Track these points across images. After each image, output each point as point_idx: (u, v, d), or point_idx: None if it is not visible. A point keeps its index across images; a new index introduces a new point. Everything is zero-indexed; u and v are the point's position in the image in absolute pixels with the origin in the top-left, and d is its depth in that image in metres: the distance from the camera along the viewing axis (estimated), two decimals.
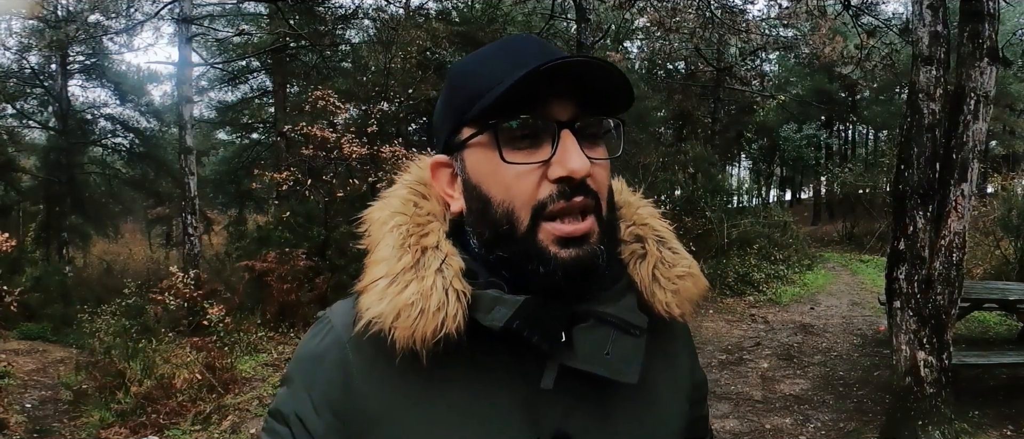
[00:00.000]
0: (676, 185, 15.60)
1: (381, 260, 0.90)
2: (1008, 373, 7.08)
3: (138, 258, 22.19)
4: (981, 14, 5.26)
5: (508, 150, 0.86)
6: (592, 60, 0.84)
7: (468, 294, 0.87)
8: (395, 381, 0.89)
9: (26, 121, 20.68)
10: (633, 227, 1.02)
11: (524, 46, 0.92)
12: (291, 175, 11.04)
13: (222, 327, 8.18)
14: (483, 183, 0.89)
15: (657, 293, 0.97)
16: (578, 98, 0.87)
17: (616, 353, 0.87)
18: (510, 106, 0.85)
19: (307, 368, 0.94)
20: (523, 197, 0.86)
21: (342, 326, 0.93)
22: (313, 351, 0.94)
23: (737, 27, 14.33)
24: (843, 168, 25.03)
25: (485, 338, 0.87)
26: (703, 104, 25.01)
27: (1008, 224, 11.97)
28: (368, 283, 0.89)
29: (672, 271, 0.99)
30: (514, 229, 0.87)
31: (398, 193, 0.98)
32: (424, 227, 0.92)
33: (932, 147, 5.31)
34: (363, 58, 14.83)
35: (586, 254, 0.86)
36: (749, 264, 14.05)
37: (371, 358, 0.90)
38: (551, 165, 0.85)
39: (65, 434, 6.33)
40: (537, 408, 0.89)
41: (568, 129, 0.86)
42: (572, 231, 0.86)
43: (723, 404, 6.83)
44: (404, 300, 0.85)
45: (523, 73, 0.82)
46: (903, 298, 5.37)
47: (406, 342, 0.84)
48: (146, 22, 16.00)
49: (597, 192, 0.88)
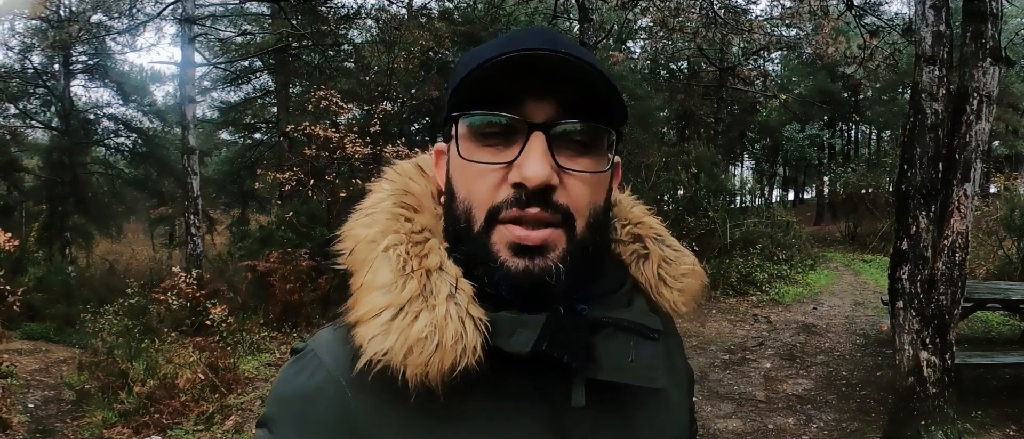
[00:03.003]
0: (679, 185, 15.57)
1: (379, 286, 0.80)
2: (1011, 373, 7.07)
3: (141, 258, 22.18)
4: (984, 14, 5.26)
5: (475, 146, 0.80)
6: (573, 57, 0.76)
7: (486, 320, 0.78)
8: (409, 421, 0.80)
9: (29, 121, 20.71)
10: (629, 227, 0.99)
11: (521, 37, 0.82)
12: (294, 175, 11.07)
13: (225, 327, 8.18)
14: (454, 177, 0.85)
15: (665, 293, 0.95)
16: (560, 100, 0.80)
17: (640, 359, 0.83)
18: (478, 100, 0.79)
19: (296, 410, 0.82)
20: (480, 197, 0.80)
21: (334, 362, 0.83)
22: (302, 390, 0.83)
23: (740, 27, 14.34)
24: (846, 168, 24.94)
25: (502, 362, 0.79)
26: (706, 104, 25.02)
27: (1011, 224, 11.97)
28: (367, 314, 0.79)
29: (677, 270, 0.97)
30: (470, 227, 0.81)
31: (383, 206, 0.88)
32: (422, 246, 0.83)
33: (935, 147, 5.31)
34: (366, 58, 14.81)
35: (537, 270, 0.79)
36: (752, 264, 14.03)
37: (376, 399, 0.80)
38: (512, 168, 0.79)
39: (68, 434, 6.34)
40: (564, 425, 0.83)
41: (541, 132, 0.78)
42: (523, 237, 0.78)
43: (726, 404, 6.83)
44: (416, 333, 0.76)
45: (482, 60, 0.76)
46: (906, 298, 5.36)
47: (420, 379, 0.76)
48: (149, 22, 16.03)
49: (566, 206, 0.80)
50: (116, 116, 22.10)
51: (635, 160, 15.46)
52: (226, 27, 19.57)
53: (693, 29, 13.38)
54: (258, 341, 8.97)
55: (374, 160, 10.93)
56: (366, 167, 11.22)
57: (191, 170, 14.49)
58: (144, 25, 16.33)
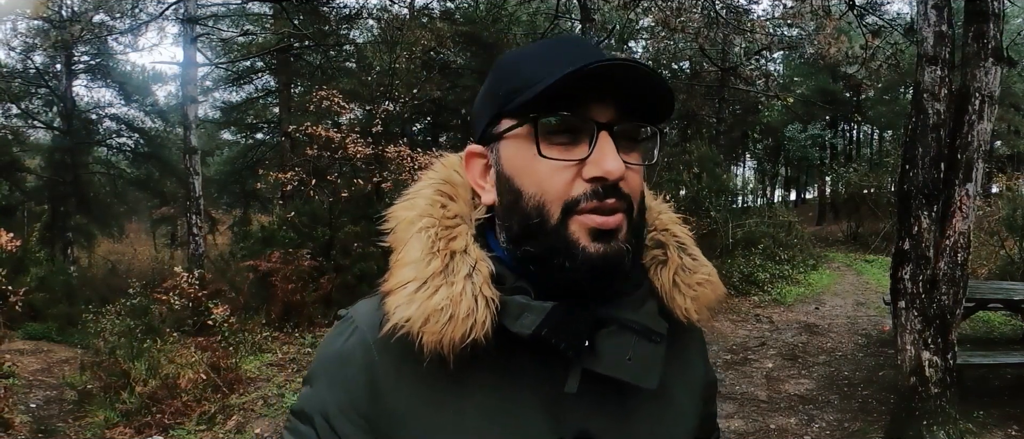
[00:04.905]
0: (681, 185, 15.59)
1: (409, 262, 0.90)
2: (1013, 373, 7.07)
3: (143, 258, 22.20)
4: (986, 14, 5.25)
5: (545, 145, 0.86)
6: (639, 65, 0.84)
7: (497, 300, 0.87)
8: (422, 384, 0.89)
9: (31, 121, 20.74)
10: (654, 232, 1.03)
11: (574, 45, 0.91)
12: (295, 175, 11.07)
13: (227, 327, 8.19)
14: (517, 176, 0.89)
15: (677, 299, 0.99)
16: (619, 101, 0.87)
17: (637, 359, 0.88)
18: (552, 102, 0.85)
19: (333, 368, 0.93)
20: (555, 192, 0.86)
21: (367, 327, 0.93)
22: (339, 351, 0.94)
23: (742, 27, 14.33)
24: (848, 168, 24.96)
25: (511, 342, 0.87)
26: (708, 104, 24.99)
27: (1013, 224, 11.96)
28: (396, 285, 0.89)
29: (693, 278, 1.01)
30: (545, 222, 0.87)
31: (424, 193, 0.97)
32: (452, 230, 0.92)
33: (937, 147, 5.30)
34: (367, 58, 14.81)
35: (613, 251, 0.86)
36: (754, 264, 14.04)
37: (397, 360, 0.90)
38: (586, 164, 0.86)
39: (70, 434, 6.34)
40: (560, 410, 0.90)
41: (606, 131, 0.86)
42: (602, 223, 0.85)
43: (728, 404, 6.83)
44: (433, 305, 0.85)
45: (570, 70, 0.82)
46: (908, 298, 5.36)
47: (434, 347, 0.85)
48: (151, 22, 16.07)
49: (629, 195, 0.88)
50: (118, 116, 22.16)
51: None
52: (228, 27, 19.58)
53: (695, 29, 13.36)
54: (260, 341, 8.97)
55: (375, 160, 10.95)
56: (368, 167, 11.23)
57: (193, 170, 14.49)
58: (146, 25, 16.38)
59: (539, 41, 0.97)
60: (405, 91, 13.21)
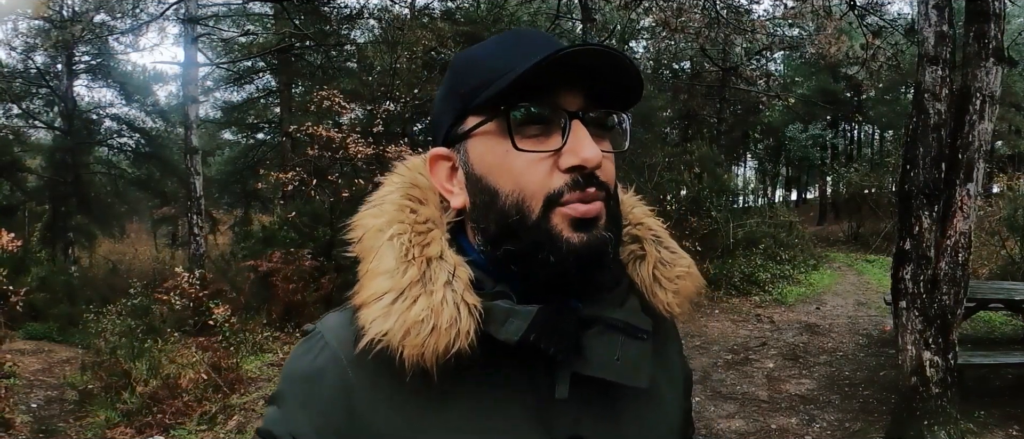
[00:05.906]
0: (682, 185, 15.58)
1: (383, 272, 0.85)
2: (1014, 373, 7.07)
3: (143, 258, 22.19)
4: (987, 14, 5.25)
5: (519, 138, 0.83)
6: (606, 50, 0.82)
7: (480, 307, 0.83)
8: (402, 400, 0.85)
9: (32, 121, 20.71)
10: (629, 227, 1.01)
11: (532, 37, 0.90)
12: (296, 175, 11.06)
13: (227, 327, 8.20)
14: (490, 174, 0.86)
15: (658, 294, 0.97)
16: (587, 89, 0.85)
17: (626, 358, 0.85)
18: (520, 94, 0.82)
19: (303, 388, 0.89)
20: (534, 186, 0.83)
21: (339, 343, 0.89)
22: (308, 369, 0.89)
23: (742, 27, 14.33)
24: (849, 168, 24.95)
25: (493, 350, 0.83)
26: (709, 104, 25.00)
27: (1014, 224, 11.95)
28: (370, 297, 0.84)
29: (672, 271, 0.99)
30: (525, 218, 0.84)
31: (391, 198, 0.93)
32: (425, 236, 0.88)
33: (938, 147, 5.30)
34: (368, 58, 14.81)
35: (596, 240, 0.84)
36: (755, 264, 14.04)
37: (374, 377, 0.85)
38: (563, 154, 0.83)
39: (70, 434, 6.35)
40: (550, 416, 0.87)
41: (578, 119, 0.84)
42: (585, 211, 0.83)
43: (729, 404, 6.83)
44: (414, 317, 0.81)
45: (539, 59, 0.79)
46: (909, 298, 5.36)
47: (416, 360, 0.80)
48: (151, 22, 16.08)
49: (606, 183, 0.86)
50: (119, 116, 22.11)
51: (638, 160, 15.44)
52: (229, 27, 19.60)
53: (696, 29, 13.36)
54: (260, 341, 8.98)
55: (376, 160, 10.93)
56: (368, 167, 11.22)
57: (194, 170, 14.51)
58: (147, 25, 16.37)
59: (494, 36, 0.94)
60: (406, 91, 13.19)
